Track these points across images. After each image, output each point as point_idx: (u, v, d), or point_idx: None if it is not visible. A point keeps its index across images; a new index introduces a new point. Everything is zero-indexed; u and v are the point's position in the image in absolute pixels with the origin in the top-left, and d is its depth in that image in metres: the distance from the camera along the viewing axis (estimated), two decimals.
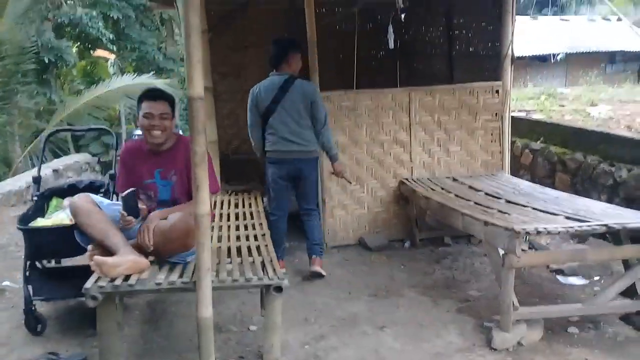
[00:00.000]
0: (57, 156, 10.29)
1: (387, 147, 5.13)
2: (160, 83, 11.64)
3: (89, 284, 2.72)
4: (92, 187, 4.10)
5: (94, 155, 11.28)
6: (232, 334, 3.44)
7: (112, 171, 4.09)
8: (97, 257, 2.82)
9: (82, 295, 2.76)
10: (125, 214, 2.99)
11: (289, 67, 4.28)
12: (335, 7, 6.30)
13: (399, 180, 5.15)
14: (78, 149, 12.56)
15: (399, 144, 5.15)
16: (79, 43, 13.96)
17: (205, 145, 2.56)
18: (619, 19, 14.87)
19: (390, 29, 5.02)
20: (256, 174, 5.58)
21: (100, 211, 3.02)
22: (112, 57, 15.88)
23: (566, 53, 13.72)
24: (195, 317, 2.65)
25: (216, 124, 5.08)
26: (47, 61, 11.56)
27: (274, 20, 6.60)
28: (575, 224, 3.17)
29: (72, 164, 8.51)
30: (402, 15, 4.90)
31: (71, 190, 4.07)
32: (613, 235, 3.61)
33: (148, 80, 11.65)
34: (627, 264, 3.39)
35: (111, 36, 13.64)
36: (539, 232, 3.05)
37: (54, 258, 3.85)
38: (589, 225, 3.15)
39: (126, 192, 3.01)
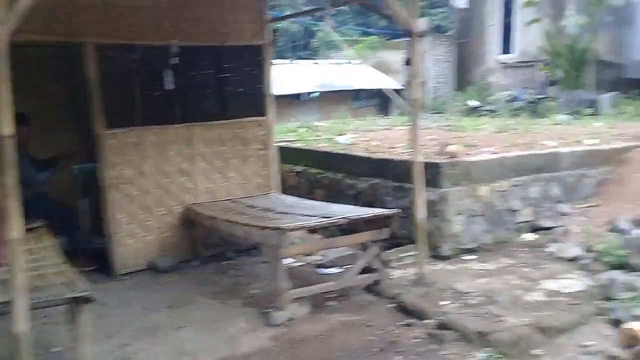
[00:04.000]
0: None
1: (173, 177, 5.70)
2: None
3: None
4: None
5: None
6: (38, 357, 3.64)
7: None
8: None
9: None
10: None
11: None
12: (117, 52, 6.67)
13: (184, 205, 5.74)
14: None
15: (183, 173, 5.76)
16: None
17: None
18: (360, 62, 17.70)
19: (169, 72, 5.65)
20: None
21: None
22: None
23: (319, 92, 15.80)
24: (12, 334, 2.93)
25: None
26: None
27: (41, 65, 6.70)
28: (326, 220, 4.22)
29: None
30: (176, 59, 5.59)
31: None
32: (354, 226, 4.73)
33: None
34: (364, 246, 4.54)
35: None
36: (299, 228, 4.00)
37: None
38: (336, 219, 4.23)
39: None
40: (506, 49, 16.08)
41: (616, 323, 3.76)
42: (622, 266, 4.48)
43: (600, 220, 5.46)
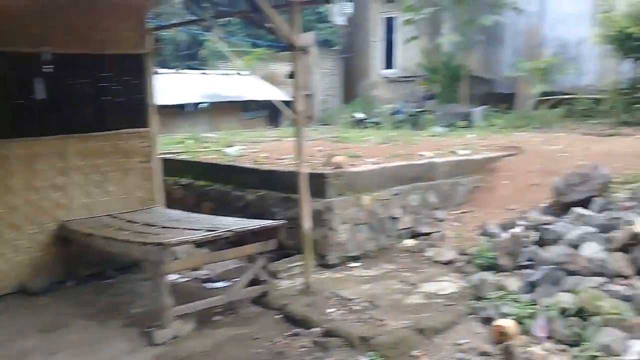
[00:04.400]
0: None
1: (45, 192, 5.32)
2: None
3: None
4: None
5: None
6: None
7: None
8: None
9: None
10: None
11: None
12: None
13: (58, 222, 5.37)
14: None
15: (57, 188, 5.39)
16: None
17: None
18: (250, 74, 17.66)
19: (40, 80, 5.28)
20: None
21: None
22: None
23: (209, 102, 15.55)
24: None
25: None
26: None
27: None
28: (210, 233, 4.14)
29: None
30: (49, 67, 5.25)
31: None
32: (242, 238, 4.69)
33: None
34: (252, 258, 4.51)
35: None
36: (182, 243, 3.89)
37: None
38: (221, 232, 4.17)
39: None
40: (389, 64, 16.89)
41: (487, 321, 4.05)
42: (492, 267, 4.83)
43: (472, 225, 5.87)
